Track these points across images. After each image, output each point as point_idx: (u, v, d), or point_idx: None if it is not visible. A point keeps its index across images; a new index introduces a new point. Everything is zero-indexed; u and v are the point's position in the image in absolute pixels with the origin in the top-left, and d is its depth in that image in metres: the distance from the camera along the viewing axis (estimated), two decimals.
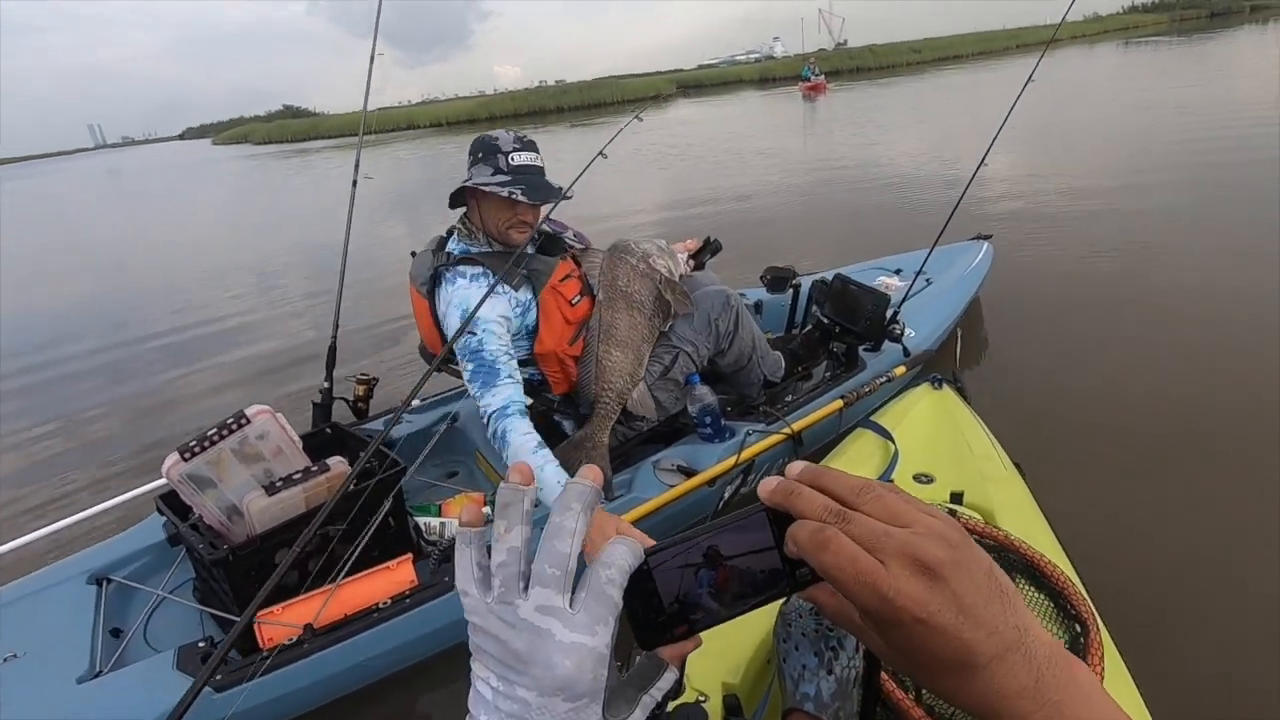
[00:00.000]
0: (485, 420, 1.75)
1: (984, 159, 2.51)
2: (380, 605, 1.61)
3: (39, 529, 1.84)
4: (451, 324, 1.79)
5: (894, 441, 1.44)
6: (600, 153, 2.02)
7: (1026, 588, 0.93)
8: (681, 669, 0.68)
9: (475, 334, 1.75)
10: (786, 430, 2.12)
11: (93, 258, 8.78)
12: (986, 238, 3.48)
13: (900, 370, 2.43)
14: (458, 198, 1.94)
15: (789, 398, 2.24)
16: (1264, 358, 2.75)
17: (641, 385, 1.97)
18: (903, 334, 2.41)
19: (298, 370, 3.95)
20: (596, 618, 0.32)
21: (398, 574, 1.69)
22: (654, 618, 0.35)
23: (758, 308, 2.93)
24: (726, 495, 2.08)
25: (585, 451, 1.87)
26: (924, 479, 1.35)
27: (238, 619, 1.52)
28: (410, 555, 1.72)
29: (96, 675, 1.50)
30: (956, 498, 1.20)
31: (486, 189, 1.83)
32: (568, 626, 0.31)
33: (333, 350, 2.16)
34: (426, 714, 1.68)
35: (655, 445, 2.09)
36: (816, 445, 2.31)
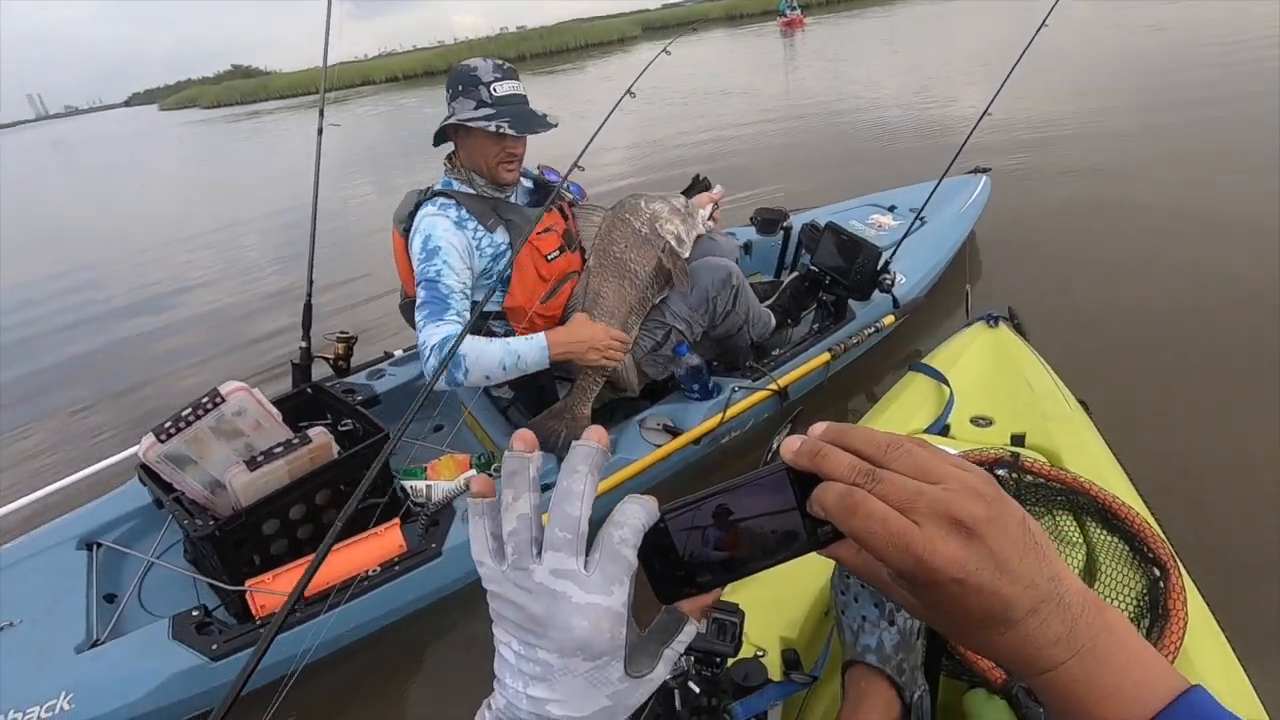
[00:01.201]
0: (425, 355, 1.67)
1: (990, 103, 2.41)
2: (370, 573, 1.63)
3: (20, 498, 1.82)
4: (414, 250, 1.77)
5: (948, 384, 1.38)
6: (629, 91, 2.05)
7: (1099, 531, 0.90)
8: (741, 629, 0.67)
9: (435, 263, 1.73)
10: (772, 386, 2.10)
11: (53, 245, 8.37)
12: (985, 171, 3.38)
13: (889, 320, 2.42)
14: (441, 135, 1.90)
15: (775, 352, 2.22)
16: None
17: (628, 358, 1.92)
18: (893, 284, 2.36)
19: (275, 331, 3.99)
20: (611, 578, 0.32)
21: (386, 540, 1.71)
22: (672, 573, 0.36)
23: (746, 249, 2.87)
24: (775, 447, 2.09)
25: (565, 423, 1.89)
26: (982, 422, 1.30)
27: (229, 587, 1.54)
28: (398, 520, 1.73)
29: (95, 644, 1.54)
30: (1018, 440, 1.16)
31: (473, 124, 1.77)
32: (582, 588, 0.32)
33: (308, 308, 2.12)
34: (418, 659, 1.74)
35: (640, 403, 2.08)
36: (801, 394, 2.31)
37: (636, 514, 0.34)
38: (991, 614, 0.31)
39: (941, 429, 1.28)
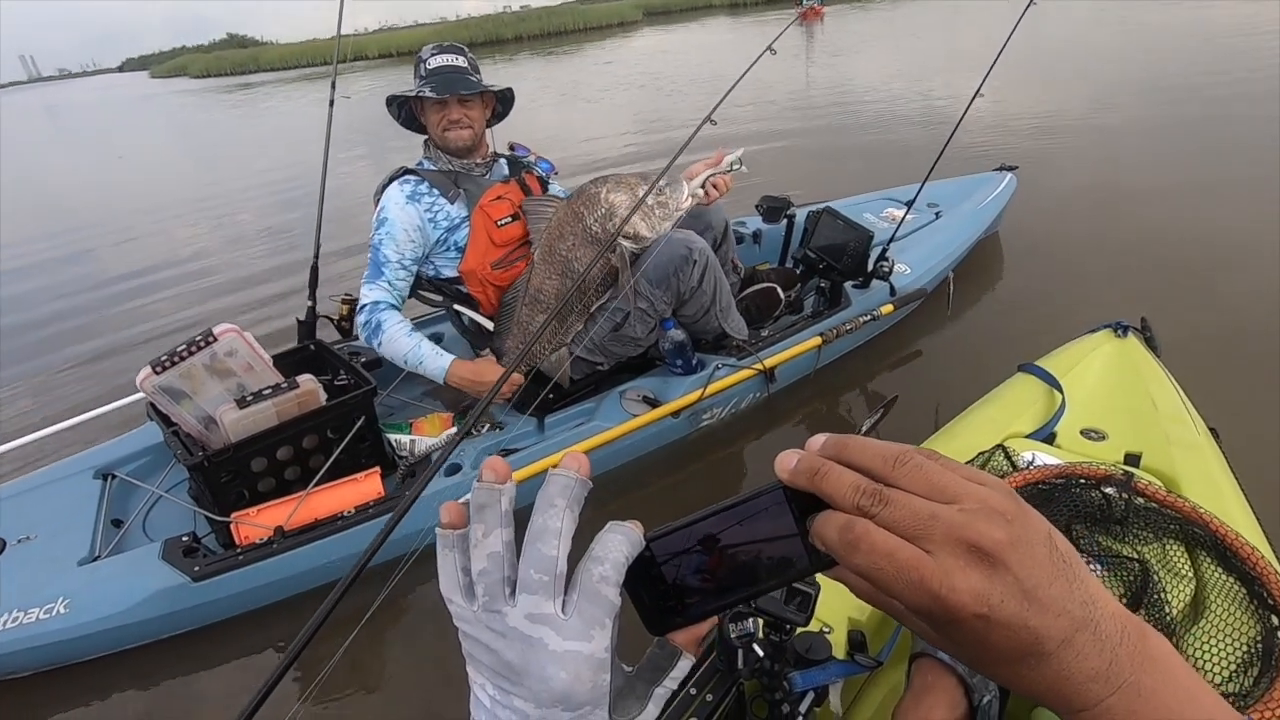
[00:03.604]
0: (359, 310, 2.03)
1: (980, 88, 2.43)
2: (346, 514, 1.73)
3: (39, 431, 2.01)
4: (374, 223, 2.07)
5: (1061, 390, 1.32)
6: (769, 48, 2.14)
7: (1213, 568, 0.85)
8: (815, 602, 0.65)
9: (380, 232, 2.03)
10: (758, 365, 2.12)
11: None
12: (1012, 169, 3.32)
13: (887, 309, 2.45)
14: (412, 121, 2.16)
15: (764, 333, 2.23)
16: None
17: (563, 350, 2.11)
18: (891, 272, 2.36)
19: (283, 295, 4.22)
20: (591, 621, 0.30)
21: (365, 485, 1.84)
22: (662, 603, 0.34)
23: (756, 237, 2.93)
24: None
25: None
26: (1094, 435, 1.24)
27: (217, 517, 1.64)
28: (379, 468, 1.83)
29: (94, 559, 1.66)
30: (1133, 459, 1.11)
31: (402, 95, 2.06)
32: (560, 634, 0.30)
33: (315, 270, 2.28)
34: (386, 609, 1.82)
35: (626, 375, 2.13)
36: (791, 380, 2.31)
37: (618, 546, 0.32)
38: (1020, 648, 0.29)
39: (1047, 436, 1.24)
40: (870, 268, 2.51)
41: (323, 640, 1.06)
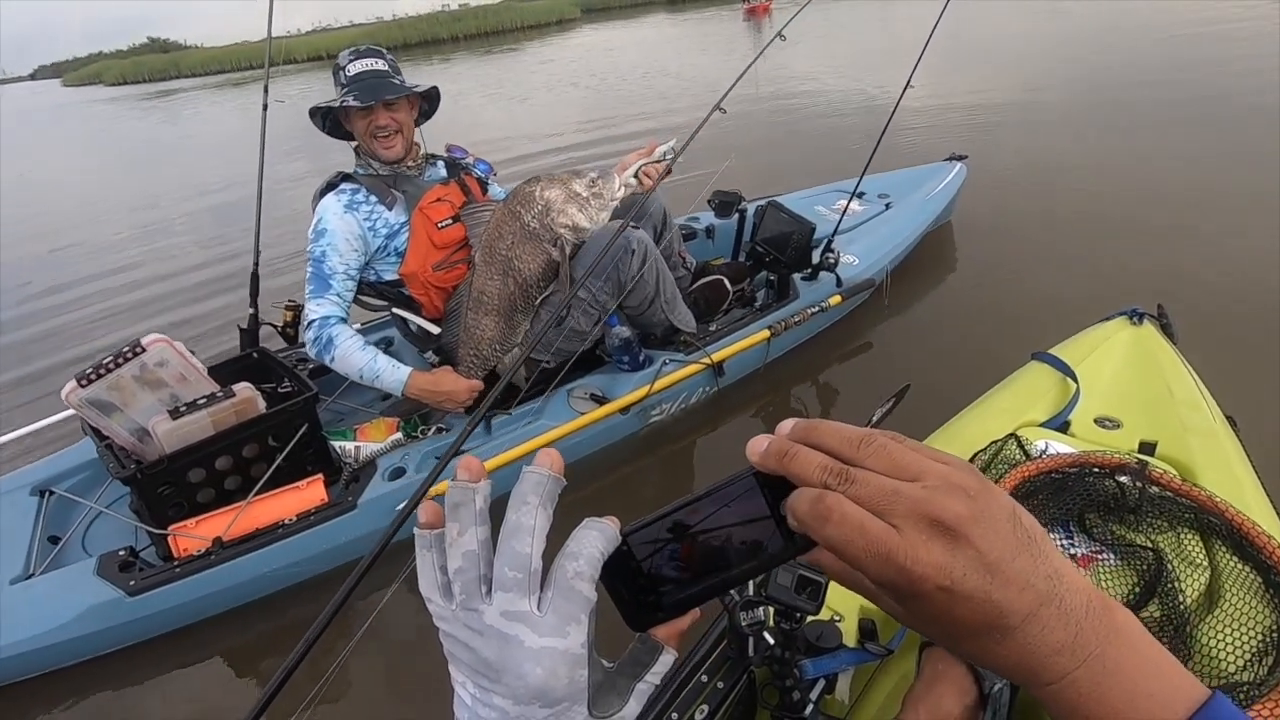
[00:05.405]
0: (307, 326, 2.04)
1: (909, 80, 2.47)
2: (286, 521, 1.71)
3: None
4: (310, 229, 2.06)
5: (1076, 379, 1.32)
6: (779, 34, 2.21)
7: (1228, 557, 0.85)
8: (825, 590, 0.61)
9: (320, 244, 2.01)
10: (706, 360, 2.13)
11: None
12: (961, 158, 3.37)
13: (835, 300, 2.46)
14: (338, 129, 2.14)
15: (713, 327, 2.24)
16: None
17: (515, 351, 2.13)
18: (837, 263, 2.38)
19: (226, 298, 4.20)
20: (567, 617, 0.31)
21: (308, 493, 1.84)
22: (642, 598, 0.35)
23: (709, 232, 2.95)
24: (873, 420, 2.18)
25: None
26: (1109, 423, 1.23)
27: (154, 530, 1.63)
28: (321, 476, 1.82)
29: (29, 577, 1.63)
30: (1147, 448, 1.10)
31: (324, 105, 2.05)
32: (536, 631, 0.30)
33: (255, 277, 2.27)
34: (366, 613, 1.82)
35: (574, 372, 2.13)
36: (741, 375, 2.32)
37: (593, 542, 0.32)
38: (985, 622, 0.30)
39: (1061, 425, 1.25)
40: (816, 260, 2.57)
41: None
